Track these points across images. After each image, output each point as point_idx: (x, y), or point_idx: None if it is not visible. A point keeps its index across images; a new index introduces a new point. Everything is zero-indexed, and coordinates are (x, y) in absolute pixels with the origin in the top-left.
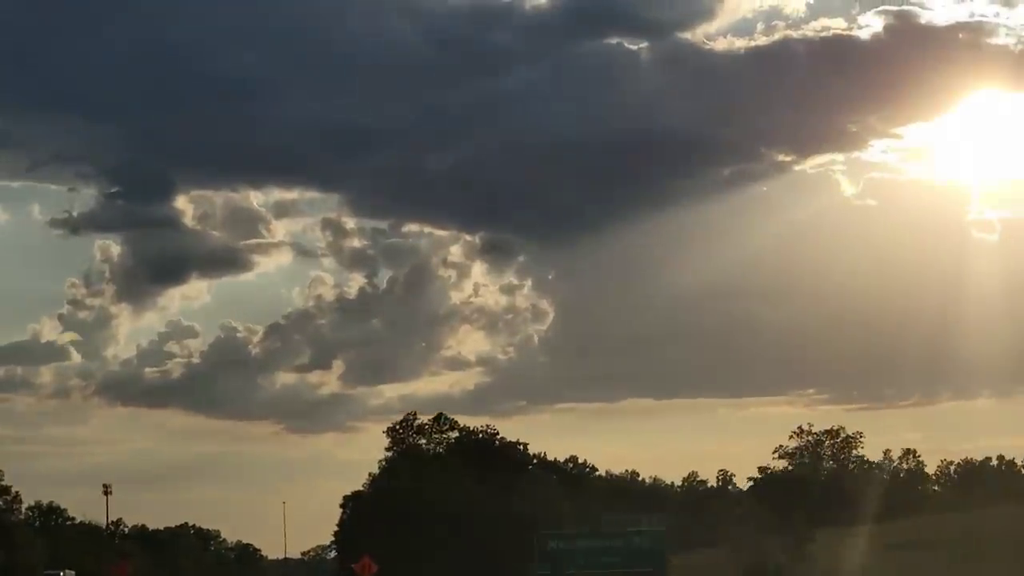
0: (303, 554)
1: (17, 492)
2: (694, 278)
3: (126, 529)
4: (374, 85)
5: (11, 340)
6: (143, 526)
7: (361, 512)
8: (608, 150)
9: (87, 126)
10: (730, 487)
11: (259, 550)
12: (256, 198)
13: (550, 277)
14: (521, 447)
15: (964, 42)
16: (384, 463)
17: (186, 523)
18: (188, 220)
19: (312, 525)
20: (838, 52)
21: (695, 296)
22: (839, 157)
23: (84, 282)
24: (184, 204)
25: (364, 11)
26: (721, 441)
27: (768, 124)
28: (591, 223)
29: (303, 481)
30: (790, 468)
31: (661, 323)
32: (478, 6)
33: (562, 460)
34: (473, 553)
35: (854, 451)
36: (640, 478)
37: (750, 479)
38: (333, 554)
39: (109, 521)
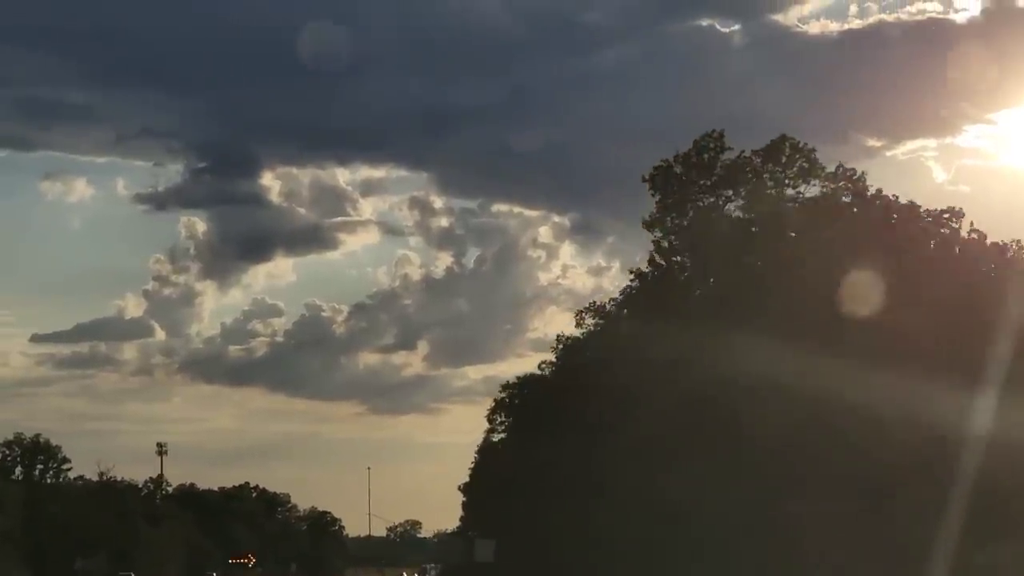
0: (389, 529)
1: None
2: None
3: (169, 488)
4: (464, 63)
5: (95, 316)
6: (191, 485)
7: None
8: (698, 131)
9: (175, 101)
10: None
11: (338, 519)
12: (343, 175)
13: (639, 259)
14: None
15: None
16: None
17: (247, 483)
18: (274, 197)
19: (396, 504)
20: (933, 35)
21: None
22: (931, 143)
23: (169, 258)
24: (270, 181)
25: None
26: None
27: (859, 108)
28: None
29: (386, 462)
30: None
31: None
32: None
33: None
34: None
35: None
36: None
37: None
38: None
39: (149, 479)
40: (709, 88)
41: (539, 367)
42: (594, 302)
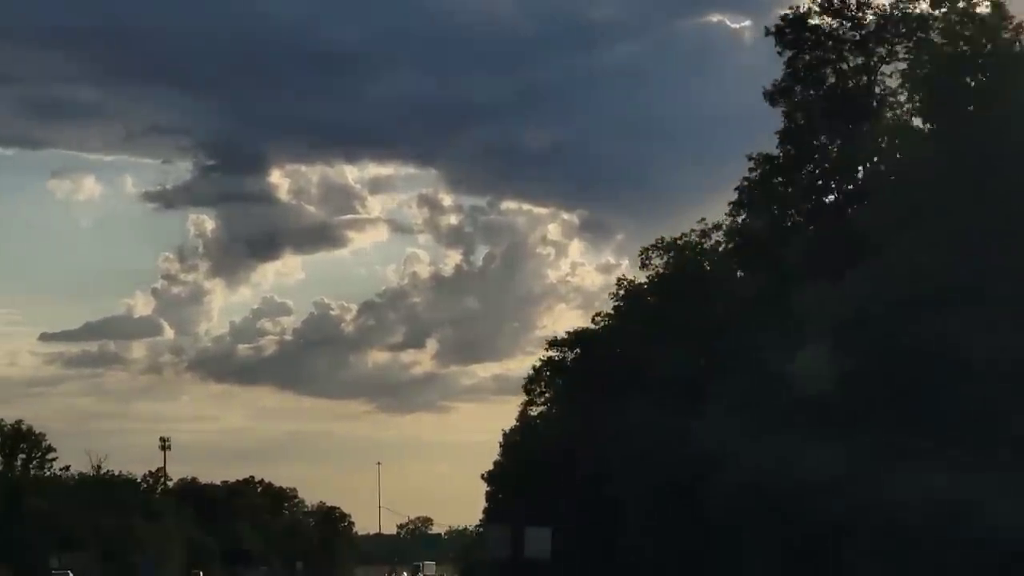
0: (400, 527)
1: None
2: None
3: (169, 483)
4: (473, 60)
5: (104, 315)
6: (193, 479)
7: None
8: (708, 129)
9: (183, 99)
10: None
11: (347, 515)
12: (351, 173)
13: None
14: None
15: None
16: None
17: (252, 477)
18: (283, 195)
19: (406, 502)
20: None
21: None
22: None
23: (178, 257)
24: (279, 178)
25: None
26: None
27: None
28: (691, 202)
29: (395, 461)
30: None
31: None
32: None
33: None
34: None
35: None
36: None
37: None
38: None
39: (148, 472)
40: (720, 84)
41: (593, 321)
42: (662, 237)
